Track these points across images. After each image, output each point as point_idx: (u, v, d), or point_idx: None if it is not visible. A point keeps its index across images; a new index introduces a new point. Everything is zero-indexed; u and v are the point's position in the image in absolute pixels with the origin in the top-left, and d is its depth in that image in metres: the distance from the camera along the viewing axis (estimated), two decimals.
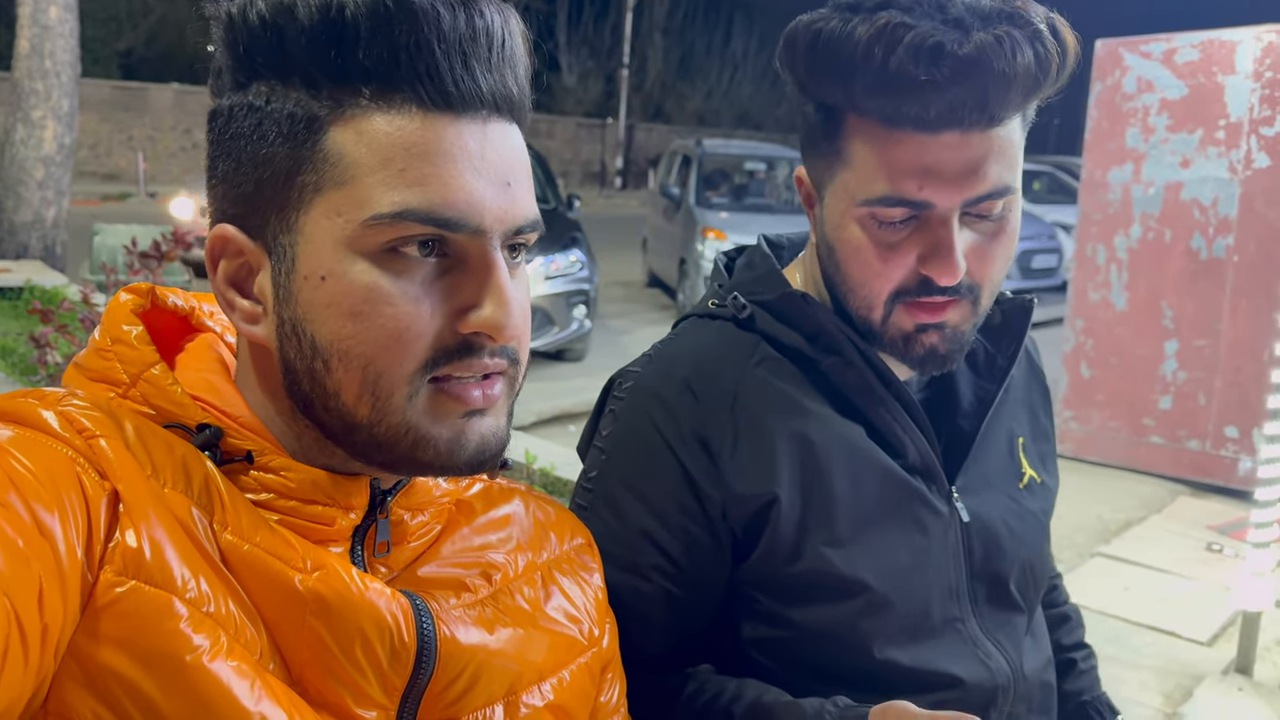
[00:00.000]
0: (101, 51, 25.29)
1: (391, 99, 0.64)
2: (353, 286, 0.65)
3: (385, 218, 0.64)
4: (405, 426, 0.67)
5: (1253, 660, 3.40)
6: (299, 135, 0.65)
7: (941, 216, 0.92)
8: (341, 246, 0.65)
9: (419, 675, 0.69)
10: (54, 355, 3.93)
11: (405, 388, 0.66)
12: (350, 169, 0.65)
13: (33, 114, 8.94)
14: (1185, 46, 5.28)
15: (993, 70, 0.85)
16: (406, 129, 0.64)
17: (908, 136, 0.90)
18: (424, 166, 0.64)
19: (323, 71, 0.64)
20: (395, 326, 0.65)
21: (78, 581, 0.58)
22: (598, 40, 32.85)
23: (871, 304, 0.98)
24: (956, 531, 1.04)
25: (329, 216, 0.65)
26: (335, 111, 0.65)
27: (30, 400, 0.64)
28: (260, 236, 0.68)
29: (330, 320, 0.66)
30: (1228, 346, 5.24)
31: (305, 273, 0.66)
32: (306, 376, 0.67)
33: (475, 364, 0.68)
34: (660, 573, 0.99)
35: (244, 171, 0.67)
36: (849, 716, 0.91)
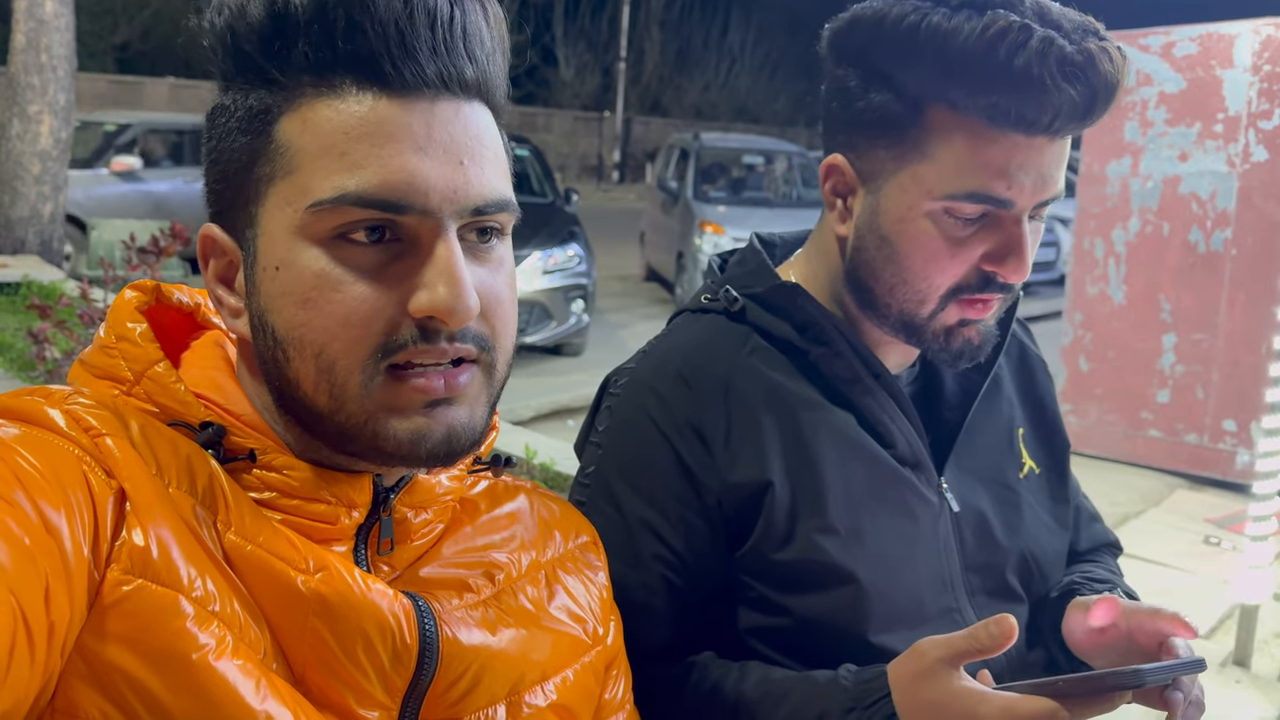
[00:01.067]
0: (97, 45, 25.22)
1: (333, 85, 0.65)
2: (303, 275, 0.65)
3: (326, 203, 0.64)
4: (364, 415, 0.67)
5: (1250, 653, 3.41)
6: (255, 129, 0.67)
7: (1015, 216, 0.94)
8: (292, 236, 0.66)
9: (421, 676, 0.69)
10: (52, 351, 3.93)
11: (359, 375, 0.66)
12: (296, 157, 0.65)
13: (29, 109, 8.91)
14: (1183, 40, 5.27)
15: (1104, 78, 0.88)
16: (346, 113, 0.65)
17: (1005, 136, 0.91)
18: (363, 149, 0.64)
19: (272, 65, 0.66)
20: (343, 312, 0.65)
21: (84, 579, 0.58)
22: (594, 33, 32.80)
23: (925, 297, 0.98)
24: (947, 521, 1.05)
25: (280, 207, 0.66)
26: (285, 102, 0.66)
27: (36, 398, 0.65)
28: (234, 232, 0.70)
29: (285, 310, 0.66)
30: (1225, 340, 5.25)
31: (264, 264, 0.67)
32: (274, 368, 0.68)
33: (433, 350, 0.66)
34: (661, 562, 1.00)
35: (218, 169, 0.69)
36: (864, 677, 0.91)
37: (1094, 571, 1.18)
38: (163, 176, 10.53)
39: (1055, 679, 0.84)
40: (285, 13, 0.64)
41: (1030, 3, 0.90)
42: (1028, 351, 1.22)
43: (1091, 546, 1.26)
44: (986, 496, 1.09)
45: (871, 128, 0.97)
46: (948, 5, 0.90)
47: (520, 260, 7.04)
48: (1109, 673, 0.83)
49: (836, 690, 0.92)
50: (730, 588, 1.02)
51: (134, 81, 23.54)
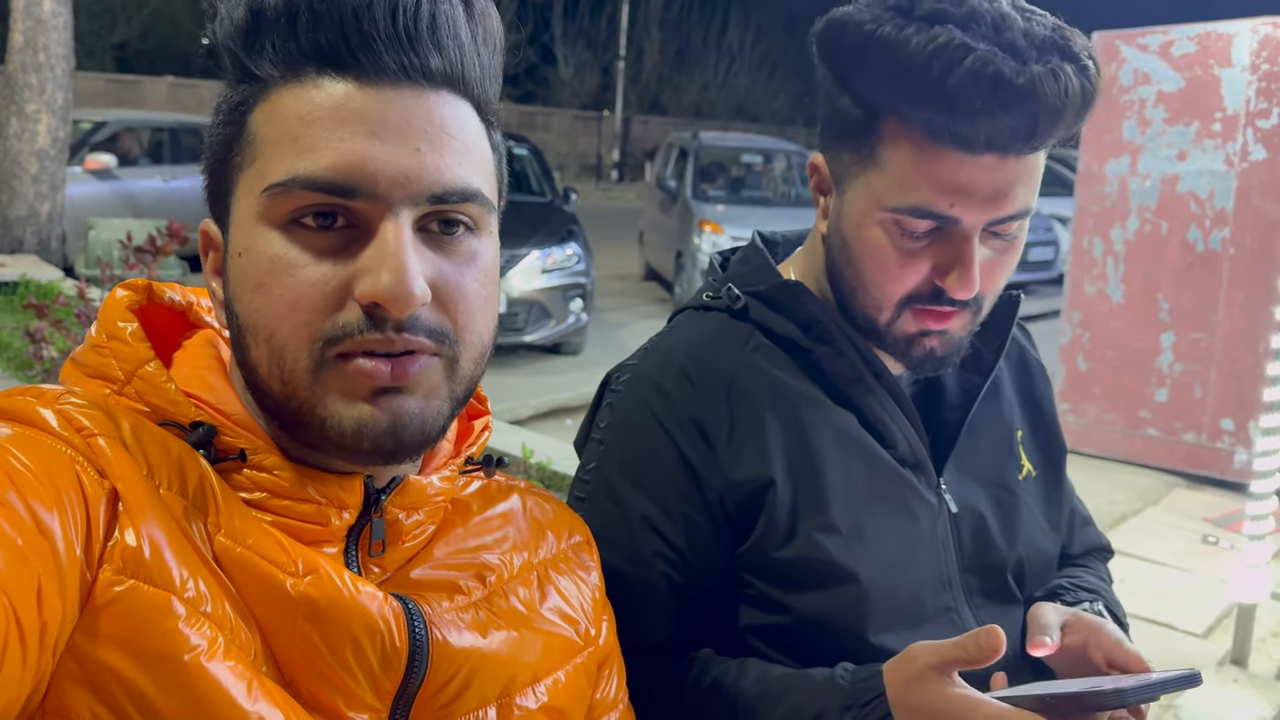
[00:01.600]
0: (96, 44, 25.20)
1: (299, 76, 0.66)
2: (259, 259, 0.66)
3: (278, 186, 0.65)
4: (312, 401, 0.66)
5: (1248, 652, 3.41)
6: (233, 121, 0.69)
7: (965, 233, 0.94)
8: (254, 221, 0.67)
9: (410, 679, 0.69)
10: (49, 350, 3.92)
11: (305, 359, 0.65)
12: (260, 145, 0.67)
13: (27, 108, 8.90)
14: (1182, 39, 5.27)
15: (1045, 102, 0.86)
16: (305, 100, 0.66)
17: (948, 153, 0.90)
18: (315, 134, 0.65)
19: (249, 59, 0.68)
20: (291, 296, 0.65)
21: (76, 580, 0.58)
22: (594, 32, 32.77)
23: (881, 305, 0.99)
24: (945, 522, 1.05)
25: (245, 195, 0.68)
26: (259, 95, 0.68)
27: (29, 398, 0.64)
28: (221, 225, 0.72)
29: (244, 295, 0.67)
30: (1224, 339, 5.25)
31: (232, 251, 0.69)
32: (240, 355, 0.69)
33: (382, 339, 0.65)
34: (662, 559, 1.00)
35: (207, 164, 0.72)
36: (861, 676, 0.92)
37: (1083, 578, 1.18)
38: (139, 175, 10.30)
39: (1045, 693, 0.84)
40: (260, 9, 0.67)
41: (991, 16, 0.89)
42: (1027, 355, 1.23)
43: (1083, 550, 1.26)
44: (985, 498, 1.09)
45: (839, 132, 0.99)
46: (908, 16, 0.90)
47: (519, 259, 7.04)
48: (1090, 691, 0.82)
49: (833, 689, 0.92)
50: (731, 585, 1.02)
51: (132, 80, 23.51)
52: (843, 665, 0.94)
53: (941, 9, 0.89)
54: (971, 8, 0.89)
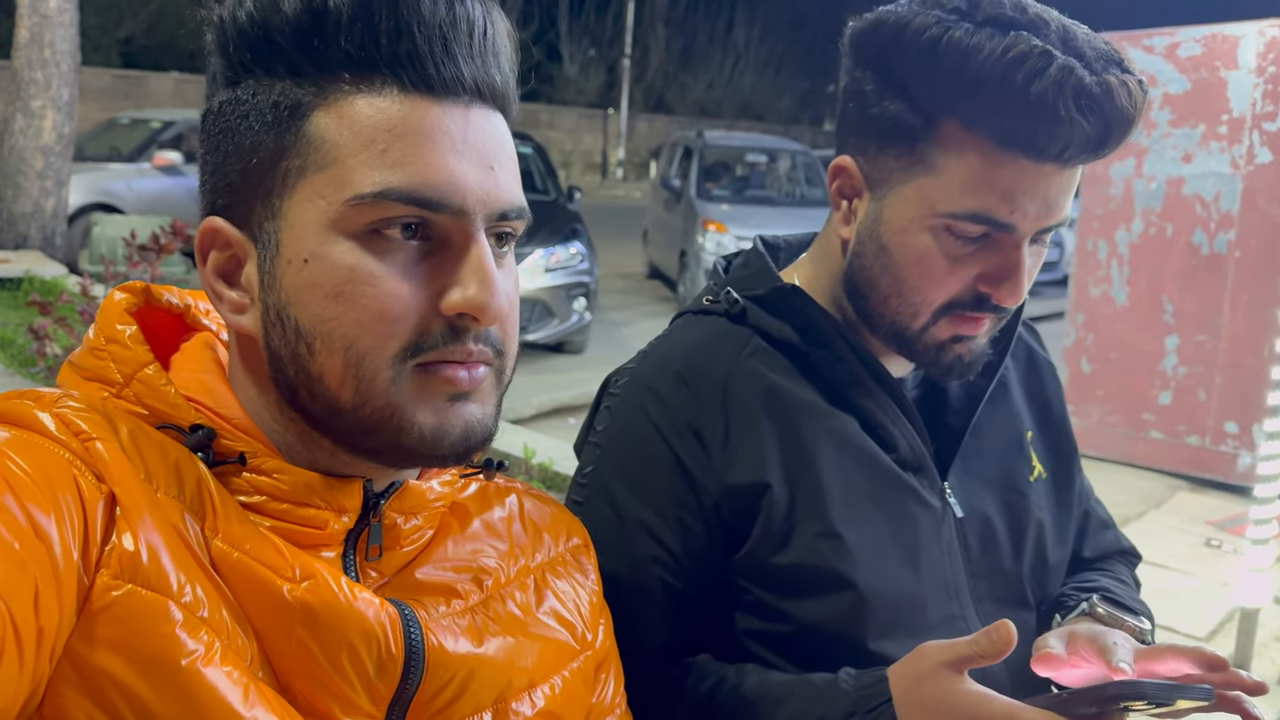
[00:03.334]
0: (102, 39, 25.23)
1: (372, 82, 0.66)
2: (335, 268, 0.65)
3: (367, 197, 0.64)
4: (390, 409, 0.67)
5: (1250, 656, 3.40)
6: (283, 122, 0.66)
7: (1016, 241, 0.93)
8: (325, 228, 0.66)
9: (406, 684, 0.68)
10: (53, 347, 3.93)
11: (388, 371, 0.66)
12: (332, 151, 0.65)
13: (32, 103, 8.91)
14: (1188, 41, 5.26)
15: (1120, 113, 0.87)
16: (388, 111, 0.65)
17: (1014, 160, 0.90)
18: (405, 147, 0.65)
19: (307, 59, 0.66)
20: (378, 307, 0.65)
21: (74, 584, 0.58)
22: (599, 30, 32.75)
23: (919, 311, 0.98)
24: (950, 527, 1.04)
25: (312, 199, 0.66)
26: (319, 97, 0.66)
27: (26, 401, 0.64)
28: (246, 226, 0.69)
29: (313, 302, 0.66)
30: (1228, 342, 5.24)
31: (289, 256, 0.67)
32: (291, 362, 0.68)
33: (459, 350, 0.67)
34: (658, 564, 0.99)
35: (230, 162, 0.68)
36: (865, 682, 0.91)
37: (1098, 581, 1.16)
38: None
39: (1061, 694, 0.84)
40: (325, 9, 0.64)
41: (1055, 25, 0.89)
42: (1035, 355, 1.22)
43: (1099, 554, 1.23)
44: (994, 502, 1.08)
45: (883, 135, 0.96)
46: (971, 20, 0.89)
47: (522, 258, 7.04)
48: (1110, 684, 0.82)
49: (836, 694, 0.91)
50: (728, 591, 1.02)
51: (138, 76, 23.52)
52: (845, 670, 0.94)
53: (1005, 14, 0.89)
54: (1035, 14, 0.89)
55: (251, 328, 0.70)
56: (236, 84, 0.68)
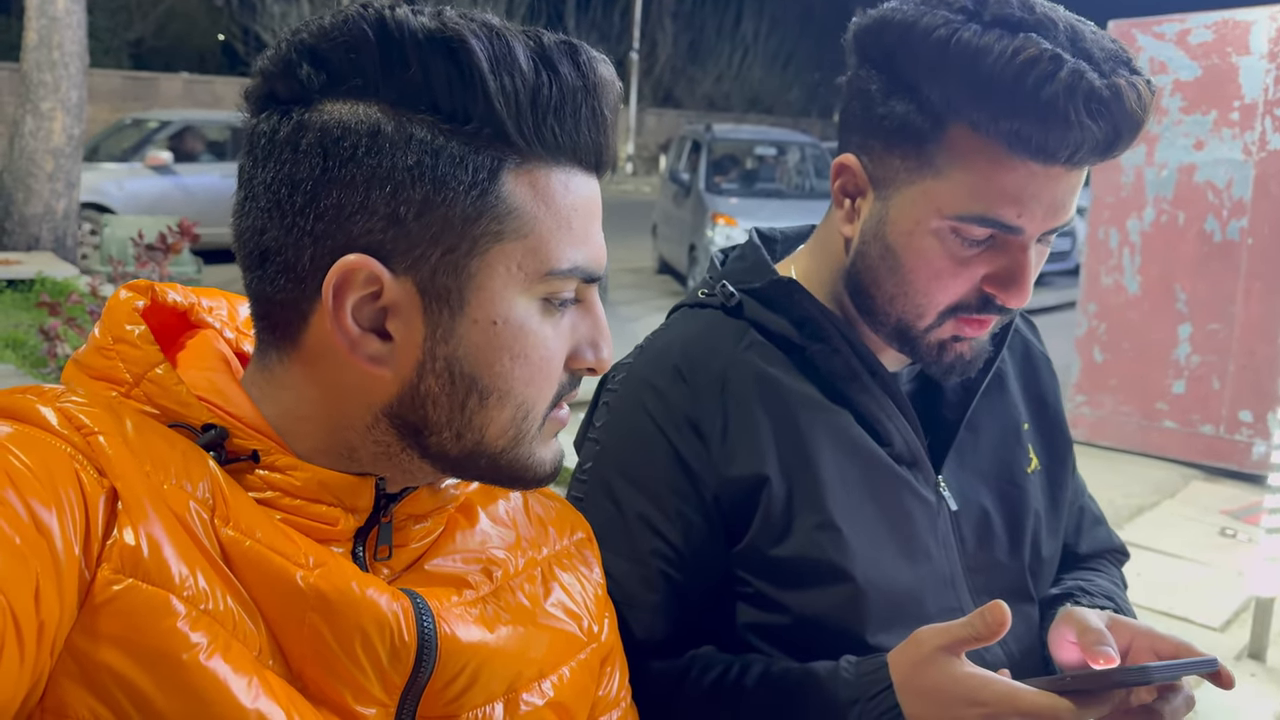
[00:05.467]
0: (111, 41, 25.33)
1: (560, 159, 0.69)
2: (522, 331, 0.69)
3: (560, 273, 0.69)
4: (529, 453, 0.74)
5: (1265, 646, 3.39)
6: (481, 184, 0.66)
7: (1023, 243, 0.93)
8: (516, 294, 0.69)
9: (419, 673, 0.69)
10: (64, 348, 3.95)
11: (541, 421, 0.73)
12: (529, 223, 0.68)
13: (41, 105, 8.95)
14: (1199, 27, 5.23)
15: (1129, 116, 0.87)
16: (574, 190, 0.70)
17: (1022, 164, 0.89)
18: (584, 225, 0.71)
19: (515, 127, 0.66)
20: (547, 368, 0.71)
21: (75, 579, 0.58)
22: (607, 24, 32.71)
23: (924, 312, 0.97)
24: (946, 520, 1.04)
25: (507, 266, 0.68)
26: (508, 164, 0.67)
27: (29, 396, 0.64)
28: (410, 273, 0.66)
29: (498, 362, 0.69)
30: (1241, 330, 5.21)
31: (475, 316, 0.68)
32: (449, 408, 0.69)
33: (573, 394, 0.76)
34: (659, 557, 0.99)
35: (401, 207, 0.65)
36: (865, 669, 0.91)
37: (1094, 581, 1.16)
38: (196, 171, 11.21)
39: (1064, 675, 0.84)
40: (539, 92, 0.67)
41: (1063, 25, 0.88)
42: (1032, 348, 1.21)
43: (1093, 551, 1.24)
44: (990, 495, 1.08)
45: (889, 135, 0.95)
46: (979, 20, 0.87)
47: None
48: (1116, 670, 0.82)
49: (838, 682, 0.92)
50: (728, 584, 1.02)
51: (148, 77, 23.60)
52: (846, 658, 0.94)
53: (1013, 15, 0.87)
54: (1043, 14, 0.88)
55: (390, 372, 0.68)
56: (394, 108, 0.65)
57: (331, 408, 0.70)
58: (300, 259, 0.66)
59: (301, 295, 0.67)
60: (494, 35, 0.65)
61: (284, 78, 0.66)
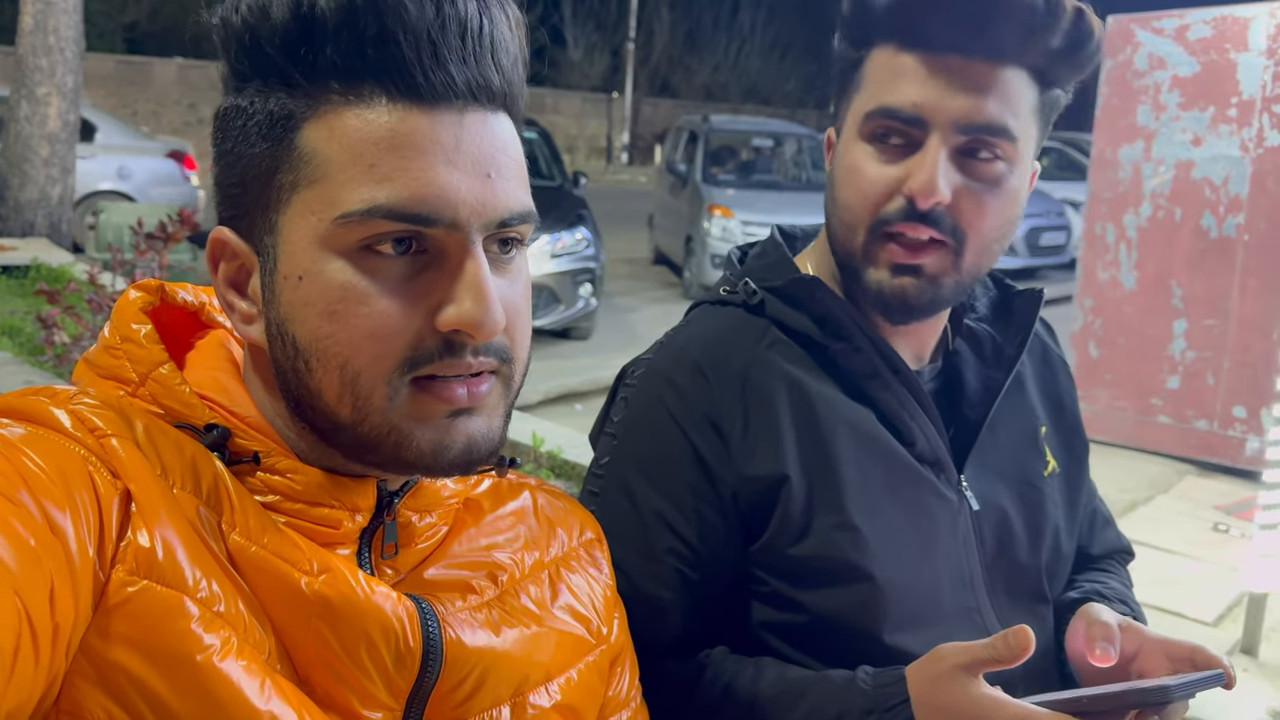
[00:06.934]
0: (106, 25, 25.18)
1: (360, 94, 0.64)
2: (328, 286, 0.64)
3: (355, 215, 0.63)
4: (387, 426, 0.66)
5: (1258, 641, 3.40)
6: (277, 134, 0.65)
7: (934, 141, 0.95)
8: (316, 246, 0.65)
9: (425, 678, 0.69)
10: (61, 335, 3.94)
11: (384, 388, 0.66)
12: (322, 166, 0.64)
13: (37, 91, 8.90)
14: (1198, 23, 5.22)
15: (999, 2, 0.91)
16: (376, 123, 0.64)
17: (915, 55, 0.95)
18: (393, 161, 0.63)
19: (296, 69, 0.64)
20: (370, 325, 0.64)
21: (89, 580, 0.58)
22: (603, 13, 32.59)
23: (855, 227, 1.00)
24: (966, 519, 1.04)
25: (304, 215, 0.65)
26: (310, 109, 0.65)
27: (42, 398, 0.65)
28: (250, 237, 0.68)
29: (309, 320, 0.65)
30: (1237, 326, 5.22)
31: (285, 272, 0.66)
32: (292, 377, 0.68)
33: (458, 364, 0.66)
34: (674, 555, 0.99)
35: (234, 173, 0.68)
36: (883, 681, 0.91)
37: (1108, 584, 1.17)
38: None
39: (1080, 695, 0.84)
40: (311, 16, 0.63)
41: None
42: (1050, 351, 1.22)
43: (1104, 552, 1.25)
44: (1009, 495, 1.08)
45: (837, 82, 1.04)
46: None
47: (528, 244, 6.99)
48: (1133, 689, 0.81)
49: (855, 692, 0.92)
50: (744, 582, 1.02)
51: (142, 62, 23.48)
52: (864, 668, 0.94)
53: None
54: None
55: (258, 339, 0.69)
56: (240, 90, 0.67)
57: (269, 393, 0.72)
58: None
59: None
60: None
61: (220, 77, 0.70)
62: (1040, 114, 0.99)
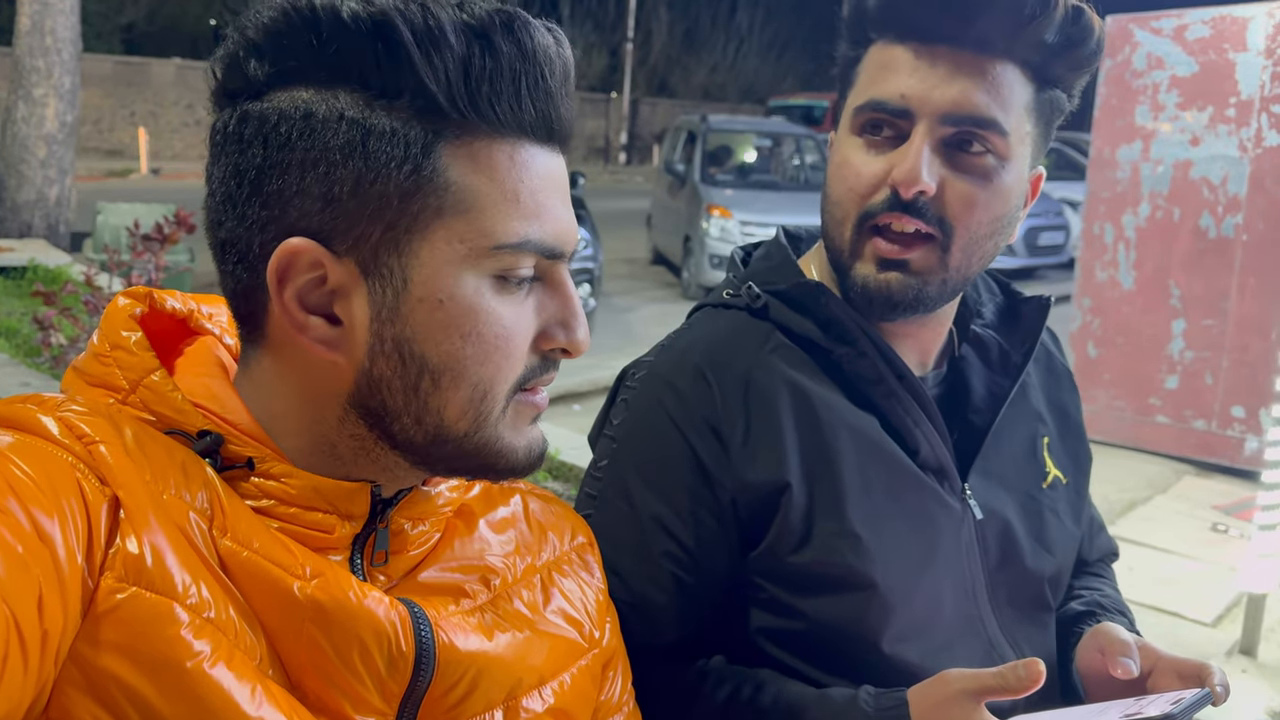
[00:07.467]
0: (104, 26, 25.18)
1: (504, 129, 0.67)
2: (470, 309, 0.68)
3: (509, 247, 0.67)
4: (495, 438, 0.71)
5: (1257, 641, 3.40)
6: (414, 159, 0.65)
7: (920, 131, 0.95)
8: (461, 271, 0.67)
9: (417, 682, 0.69)
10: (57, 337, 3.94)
11: (502, 403, 0.71)
12: (471, 197, 0.66)
13: (34, 91, 8.90)
14: (1196, 23, 5.22)
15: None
16: (517, 158, 0.68)
17: (904, 47, 0.96)
18: (537, 197, 0.69)
19: (443, 98, 0.65)
20: (506, 347, 0.69)
21: (78, 588, 0.58)
22: (601, 13, 32.62)
23: (843, 220, 1.00)
24: (970, 528, 1.03)
25: (449, 242, 0.67)
26: (452, 138, 0.66)
27: (29, 406, 0.64)
28: (351, 254, 0.66)
29: (446, 341, 0.68)
30: (1235, 326, 5.22)
31: (420, 295, 0.67)
32: (404, 393, 0.68)
33: (548, 378, 0.74)
34: (671, 559, 0.99)
35: (335, 186, 0.65)
36: (885, 704, 0.90)
37: (1104, 591, 1.17)
38: None
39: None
40: (468, 54, 0.65)
41: None
42: (1055, 360, 1.21)
43: (1098, 557, 1.25)
44: (1012, 504, 1.07)
45: (840, 80, 1.04)
46: None
47: None
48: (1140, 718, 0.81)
49: (856, 713, 0.91)
50: (742, 589, 1.01)
51: (140, 62, 23.49)
52: (865, 688, 0.93)
53: None
54: None
55: (344, 357, 0.68)
56: (321, 89, 0.65)
57: (305, 402, 0.70)
58: (251, 248, 0.67)
59: (257, 284, 0.68)
60: (422, 9, 0.65)
61: (231, 72, 0.68)
62: (1037, 112, 0.98)
